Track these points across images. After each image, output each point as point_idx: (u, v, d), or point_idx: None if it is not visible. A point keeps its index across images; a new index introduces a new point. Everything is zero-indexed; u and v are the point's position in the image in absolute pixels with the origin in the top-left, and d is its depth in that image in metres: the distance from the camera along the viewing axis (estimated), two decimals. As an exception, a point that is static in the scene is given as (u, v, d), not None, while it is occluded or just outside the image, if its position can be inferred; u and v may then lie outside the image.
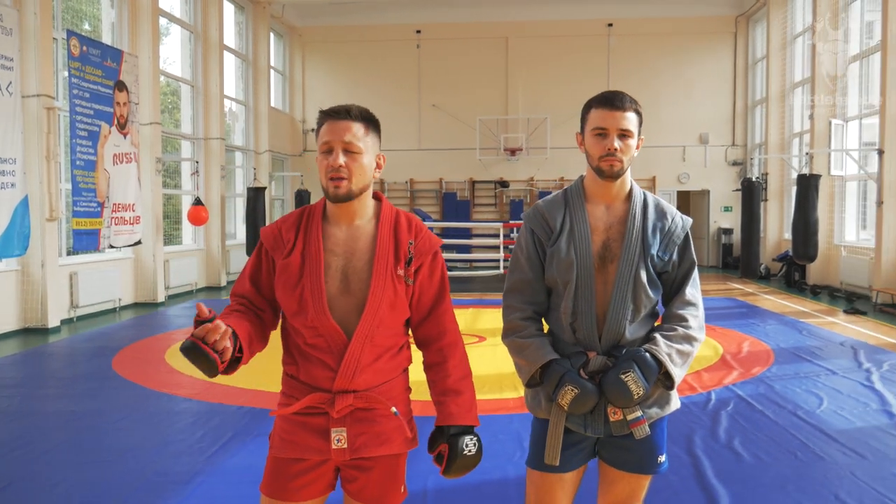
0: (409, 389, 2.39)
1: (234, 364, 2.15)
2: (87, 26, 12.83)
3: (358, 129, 2.21)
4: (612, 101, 2.41)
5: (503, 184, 20.67)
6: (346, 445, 2.22)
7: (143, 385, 6.94)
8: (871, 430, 5.35)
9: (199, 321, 2.03)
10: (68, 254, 11.50)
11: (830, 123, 13.90)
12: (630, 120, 2.42)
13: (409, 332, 2.40)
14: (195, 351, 2.00)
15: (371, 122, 2.26)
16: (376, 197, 2.35)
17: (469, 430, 2.29)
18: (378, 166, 2.28)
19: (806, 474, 4.50)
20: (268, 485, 2.29)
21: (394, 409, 2.27)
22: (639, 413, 2.39)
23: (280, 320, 2.37)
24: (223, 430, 5.48)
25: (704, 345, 8.53)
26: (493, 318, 10.66)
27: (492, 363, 7.68)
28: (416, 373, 2.41)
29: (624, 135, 2.41)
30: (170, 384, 6.94)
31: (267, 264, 2.30)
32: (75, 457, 4.93)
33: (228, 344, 2.05)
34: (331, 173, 2.18)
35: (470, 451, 2.27)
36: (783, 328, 9.91)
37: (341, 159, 2.18)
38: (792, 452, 4.89)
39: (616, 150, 2.40)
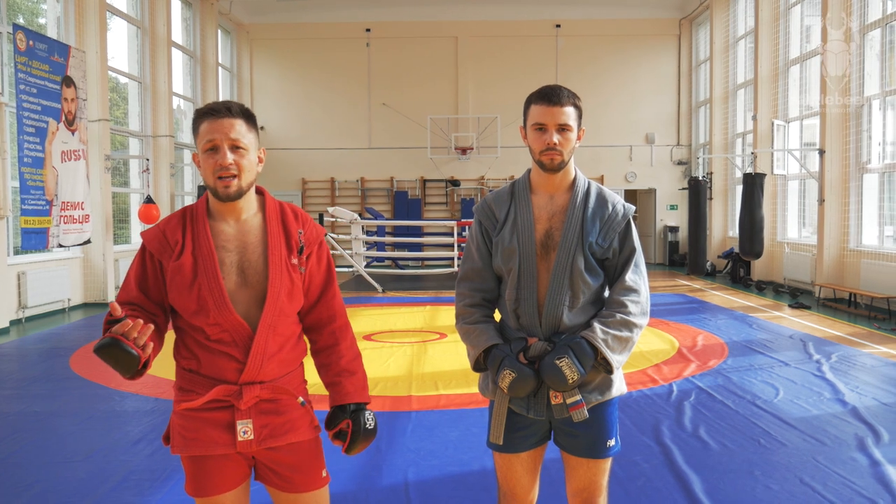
0: (305, 381, 2.43)
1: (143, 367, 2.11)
2: (20, 20, 12.49)
3: (241, 125, 2.19)
4: (549, 96, 2.49)
5: (454, 182, 20.78)
6: (252, 437, 2.23)
7: (105, 385, 6.82)
8: (827, 418, 5.57)
9: (112, 320, 2.03)
10: (16, 253, 11.20)
11: (773, 124, 14.35)
12: (568, 114, 2.49)
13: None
14: (117, 347, 1.97)
15: (251, 119, 2.25)
16: (258, 191, 2.36)
17: (364, 406, 2.38)
18: (260, 160, 2.28)
19: (771, 460, 4.68)
20: (190, 485, 2.29)
21: (301, 399, 2.32)
22: (578, 397, 2.47)
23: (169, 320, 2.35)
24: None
25: (661, 339, 8.74)
26: (450, 316, 10.66)
27: (456, 359, 7.78)
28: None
29: (563, 129, 2.49)
30: (133, 383, 6.82)
31: (153, 269, 2.26)
32: (44, 458, 4.84)
33: (150, 343, 2.06)
34: (219, 172, 2.16)
35: (370, 424, 2.37)
36: (734, 322, 10.20)
37: (230, 157, 2.16)
38: (755, 440, 5.07)
39: (555, 144, 2.48)
